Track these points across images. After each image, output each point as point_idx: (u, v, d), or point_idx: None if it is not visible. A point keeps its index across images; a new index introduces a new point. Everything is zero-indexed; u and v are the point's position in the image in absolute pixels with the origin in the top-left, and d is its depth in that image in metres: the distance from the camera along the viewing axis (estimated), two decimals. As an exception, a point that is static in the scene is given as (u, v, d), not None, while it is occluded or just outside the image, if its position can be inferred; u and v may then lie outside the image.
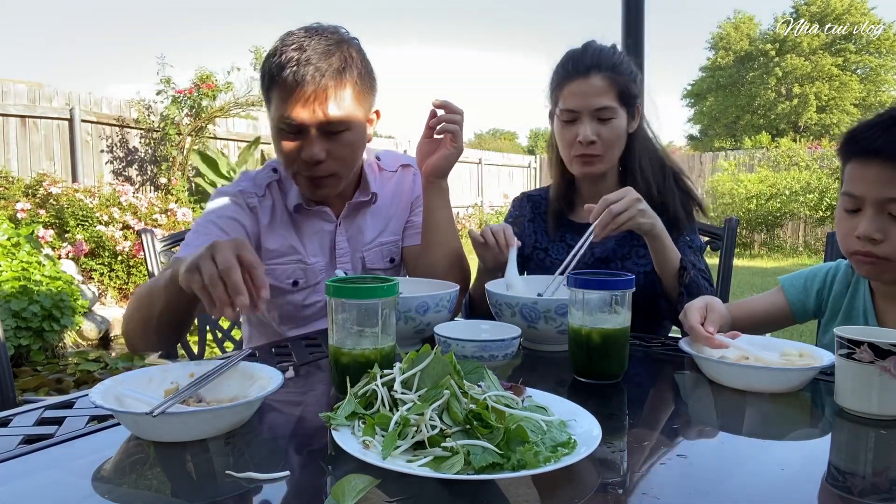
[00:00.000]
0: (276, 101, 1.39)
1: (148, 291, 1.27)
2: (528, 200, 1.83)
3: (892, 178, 1.14)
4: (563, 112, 1.59)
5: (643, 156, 1.66)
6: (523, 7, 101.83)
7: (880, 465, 0.79)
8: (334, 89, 1.37)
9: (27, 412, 0.91)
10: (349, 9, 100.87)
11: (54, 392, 3.75)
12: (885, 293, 1.28)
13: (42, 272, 4.48)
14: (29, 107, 6.43)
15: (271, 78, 1.38)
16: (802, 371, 1.00)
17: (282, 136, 1.41)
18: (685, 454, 0.79)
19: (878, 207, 1.16)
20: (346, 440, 0.72)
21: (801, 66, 27.32)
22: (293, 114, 1.36)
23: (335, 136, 1.41)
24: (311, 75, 1.34)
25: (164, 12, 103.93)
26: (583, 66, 1.57)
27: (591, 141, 1.56)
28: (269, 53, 1.40)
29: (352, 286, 0.92)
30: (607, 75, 1.56)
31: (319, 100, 1.35)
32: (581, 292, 1.05)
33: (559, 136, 1.64)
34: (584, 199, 1.73)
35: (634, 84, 1.61)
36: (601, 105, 1.55)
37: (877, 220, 1.16)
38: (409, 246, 1.66)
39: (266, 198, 1.55)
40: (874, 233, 1.16)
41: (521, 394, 0.85)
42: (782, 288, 1.40)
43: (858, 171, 1.19)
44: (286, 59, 1.34)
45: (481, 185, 13.35)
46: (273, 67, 1.36)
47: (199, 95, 7.07)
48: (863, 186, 1.17)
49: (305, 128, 1.38)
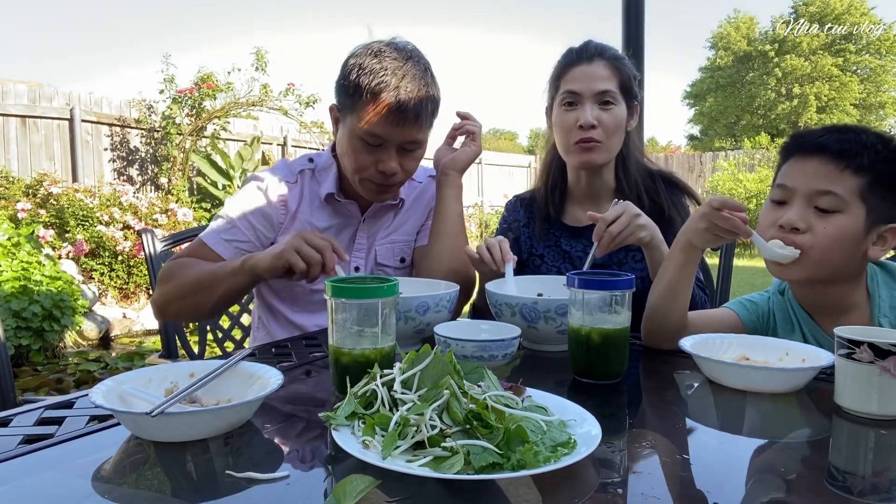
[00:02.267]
0: (364, 115, 1.46)
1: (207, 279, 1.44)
2: (521, 204, 1.82)
3: (827, 173, 1.17)
4: (565, 94, 1.59)
5: (634, 158, 1.67)
6: (523, 7, 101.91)
7: (880, 465, 0.79)
8: (423, 116, 1.48)
9: (27, 412, 0.91)
10: (349, 10, 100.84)
11: (54, 392, 3.75)
12: (818, 311, 1.30)
13: (42, 272, 4.48)
14: (29, 107, 6.43)
15: (366, 94, 1.44)
16: (802, 371, 1.00)
17: (362, 145, 1.50)
18: (685, 454, 0.79)
19: (807, 199, 1.19)
20: (346, 440, 0.72)
21: (800, 67, 27.33)
22: (383, 132, 1.46)
23: (410, 153, 1.53)
24: (408, 103, 1.44)
25: (165, 9, 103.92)
26: (586, 54, 1.59)
27: (592, 125, 1.55)
28: (360, 68, 1.46)
29: (352, 286, 0.92)
30: (611, 63, 1.58)
31: (409, 124, 1.46)
32: (581, 292, 1.05)
33: (558, 123, 1.63)
34: (577, 202, 1.72)
35: (635, 83, 1.62)
36: (604, 88, 1.56)
37: (803, 212, 1.19)
38: (419, 246, 1.71)
39: (297, 184, 1.65)
40: (798, 221, 1.18)
41: (521, 394, 0.85)
42: (734, 311, 1.37)
43: (796, 166, 1.22)
44: (384, 82, 1.43)
45: (481, 185, 13.35)
46: (373, 86, 1.43)
47: (199, 95, 7.07)
48: (798, 179, 1.21)
49: (388, 143, 1.49)
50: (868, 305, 1.26)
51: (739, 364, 1.04)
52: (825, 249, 1.18)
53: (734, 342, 1.15)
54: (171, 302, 1.50)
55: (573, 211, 1.73)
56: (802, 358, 1.06)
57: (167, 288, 1.50)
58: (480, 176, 13.40)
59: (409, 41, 1.56)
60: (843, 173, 1.17)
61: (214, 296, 1.44)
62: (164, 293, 1.51)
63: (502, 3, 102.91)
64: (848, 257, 1.20)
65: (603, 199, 1.69)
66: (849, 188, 1.17)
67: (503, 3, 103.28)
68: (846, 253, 1.20)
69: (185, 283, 1.47)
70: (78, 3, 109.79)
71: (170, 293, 1.49)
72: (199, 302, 1.46)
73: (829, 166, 1.18)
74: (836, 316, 1.26)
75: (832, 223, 1.17)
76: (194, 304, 1.47)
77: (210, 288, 1.44)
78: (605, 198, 1.69)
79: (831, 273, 1.21)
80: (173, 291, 1.48)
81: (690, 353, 1.08)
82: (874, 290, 1.25)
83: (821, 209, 1.18)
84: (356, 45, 1.54)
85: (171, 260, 1.57)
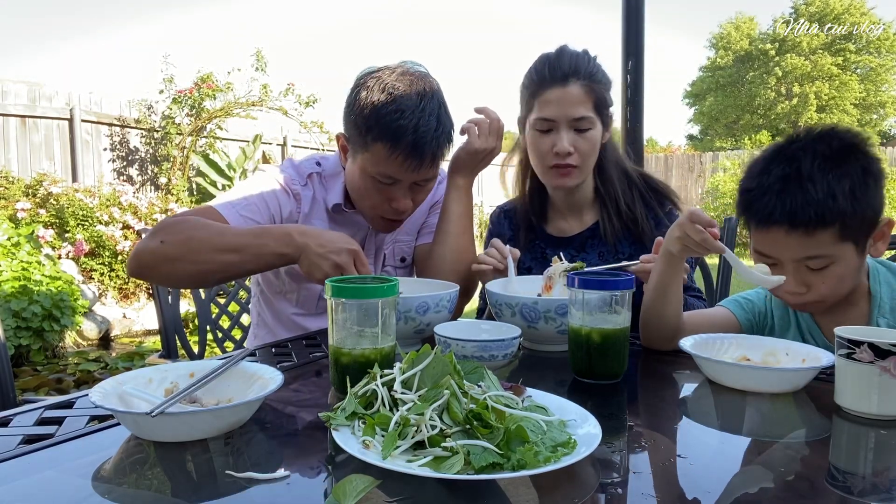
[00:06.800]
0: (378, 158, 1.41)
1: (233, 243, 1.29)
2: (506, 216, 1.81)
3: (798, 242, 1.15)
4: (539, 121, 1.54)
5: (612, 165, 1.64)
6: (523, 7, 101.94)
7: (880, 465, 0.79)
8: (438, 156, 1.45)
9: (27, 412, 0.91)
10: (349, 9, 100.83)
11: (54, 392, 3.75)
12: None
13: (42, 272, 4.48)
14: (29, 107, 6.43)
15: (381, 138, 1.39)
16: (802, 371, 1.00)
17: (373, 183, 1.46)
18: (685, 454, 0.79)
19: (795, 265, 1.18)
20: (346, 440, 0.72)
21: (800, 66, 27.31)
22: (397, 175, 1.43)
23: (422, 187, 1.50)
24: (424, 147, 1.39)
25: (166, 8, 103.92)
26: (560, 73, 1.52)
27: (569, 152, 1.52)
28: (373, 107, 1.38)
29: (352, 286, 0.92)
30: (585, 84, 1.51)
31: (425, 166, 1.43)
32: (581, 292, 1.05)
33: (533, 146, 1.59)
34: (559, 212, 1.71)
35: (608, 93, 1.57)
36: (579, 115, 1.51)
37: (798, 276, 1.19)
38: (421, 244, 1.70)
39: (307, 187, 1.59)
40: (799, 287, 1.19)
41: (521, 394, 0.85)
42: (729, 310, 1.37)
43: (764, 236, 1.20)
44: (401, 127, 1.37)
45: (481, 185, 13.34)
46: (387, 131, 1.37)
47: (199, 95, 7.07)
48: (773, 250, 1.19)
49: (402, 182, 1.45)
50: (868, 302, 1.26)
51: (739, 364, 1.04)
52: (834, 294, 1.20)
53: (734, 342, 1.15)
54: (170, 261, 1.30)
55: (556, 221, 1.72)
56: (802, 358, 1.06)
57: (168, 240, 1.30)
58: (480, 175, 13.36)
59: (419, 65, 1.51)
60: (814, 236, 1.13)
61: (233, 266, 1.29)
62: (160, 248, 1.30)
63: (503, 3, 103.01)
64: (857, 278, 1.23)
65: (584, 208, 1.69)
66: (827, 243, 1.14)
67: (504, 3, 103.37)
68: (855, 279, 1.22)
69: (193, 247, 1.29)
70: (78, 3, 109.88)
71: (170, 249, 1.29)
72: (212, 270, 1.29)
73: (798, 235, 1.14)
74: (835, 312, 1.26)
75: (831, 275, 1.17)
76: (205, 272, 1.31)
77: (238, 251, 1.28)
78: (587, 207, 1.68)
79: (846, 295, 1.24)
80: (176, 248, 1.29)
81: (690, 353, 1.08)
82: (875, 289, 1.25)
83: (812, 268, 1.17)
84: (364, 69, 1.49)
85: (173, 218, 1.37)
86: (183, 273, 1.32)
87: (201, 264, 1.29)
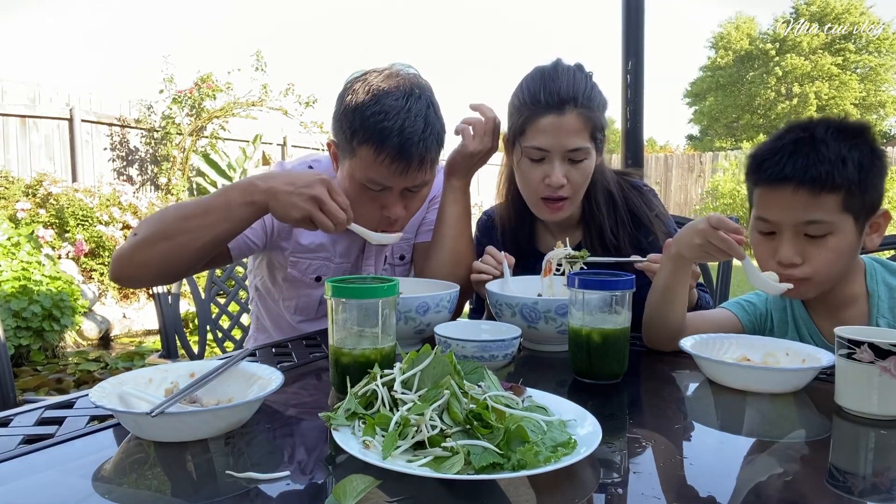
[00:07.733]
0: (365, 163, 1.36)
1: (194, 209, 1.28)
2: (493, 225, 1.73)
3: (804, 203, 1.15)
4: (532, 150, 1.46)
5: (600, 191, 1.58)
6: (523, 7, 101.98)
7: (880, 465, 0.79)
8: (427, 159, 1.38)
9: (27, 412, 0.91)
10: (349, 9, 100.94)
11: (54, 392, 3.75)
12: (815, 306, 1.31)
13: (42, 272, 4.48)
14: (29, 107, 6.43)
15: (366, 142, 1.34)
16: (802, 371, 1.00)
17: (364, 190, 1.40)
18: (685, 454, 0.79)
19: (794, 230, 1.18)
20: (346, 440, 0.72)
21: (800, 66, 27.31)
22: (385, 181, 1.38)
23: (415, 193, 1.45)
24: (411, 150, 1.33)
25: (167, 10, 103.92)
26: (557, 99, 1.42)
27: (561, 184, 1.46)
28: (358, 110, 1.35)
29: (352, 286, 0.92)
30: (582, 112, 1.43)
31: (414, 170, 1.37)
32: (581, 292, 1.05)
33: (523, 173, 1.51)
34: (547, 229, 1.66)
35: (603, 116, 1.50)
36: (575, 146, 1.43)
37: (795, 244, 1.18)
38: (419, 242, 1.69)
39: None
40: (794, 257, 1.18)
41: (521, 394, 0.85)
42: (732, 312, 1.37)
43: (769, 197, 1.19)
44: (386, 129, 1.32)
45: (480, 185, 13.36)
46: (372, 134, 1.33)
47: (199, 95, 7.08)
48: (777, 212, 1.19)
49: (392, 189, 1.40)
50: (866, 301, 1.26)
51: (739, 364, 1.04)
52: (828, 271, 1.19)
53: (734, 342, 1.15)
54: (145, 245, 1.29)
55: (545, 238, 1.68)
56: (802, 358, 1.07)
57: (139, 230, 1.31)
58: (479, 176, 13.37)
59: (409, 66, 1.45)
60: (819, 197, 1.14)
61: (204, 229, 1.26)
62: (133, 239, 1.31)
63: (503, 3, 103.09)
64: (849, 263, 1.22)
65: (571, 227, 1.63)
66: (831, 209, 1.15)
67: (503, 3, 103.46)
68: (847, 263, 1.22)
69: (166, 221, 1.29)
70: (79, 3, 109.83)
71: (142, 234, 1.30)
72: (184, 243, 1.27)
73: (804, 195, 1.15)
74: (834, 311, 1.26)
75: (827, 247, 1.17)
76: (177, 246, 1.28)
77: (203, 216, 1.26)
78: (573, 228, 1.63)
79: (836, 282, 1.23)
80: (147, 230, 1.30)
81: (691, 353, 1.08)
82: (874, 288, 1.26)
83: (811, 236, 1.17)
84: (352, 73, 1.44)
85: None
86: (158, 255, 1.29)
87: (173, 237, 1.28)
